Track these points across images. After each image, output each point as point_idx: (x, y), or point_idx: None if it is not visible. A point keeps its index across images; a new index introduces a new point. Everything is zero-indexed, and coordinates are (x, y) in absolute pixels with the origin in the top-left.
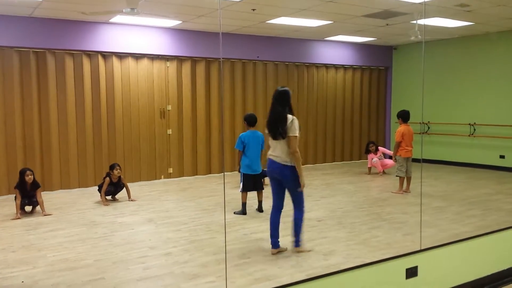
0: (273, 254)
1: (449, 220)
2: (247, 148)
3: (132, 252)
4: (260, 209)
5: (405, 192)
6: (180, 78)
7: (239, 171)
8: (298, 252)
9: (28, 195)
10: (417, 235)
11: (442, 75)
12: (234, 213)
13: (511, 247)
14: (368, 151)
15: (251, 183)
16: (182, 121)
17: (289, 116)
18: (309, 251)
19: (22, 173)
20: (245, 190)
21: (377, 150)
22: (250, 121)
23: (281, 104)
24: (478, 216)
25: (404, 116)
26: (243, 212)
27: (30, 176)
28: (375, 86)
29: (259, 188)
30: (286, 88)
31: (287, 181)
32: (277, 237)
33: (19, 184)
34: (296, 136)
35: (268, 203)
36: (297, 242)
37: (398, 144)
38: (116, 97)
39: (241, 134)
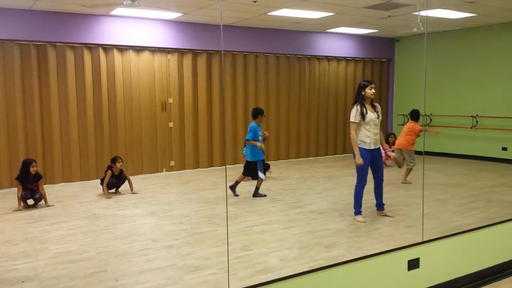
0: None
1: (451, 212)
2: None
3: (134, 244)
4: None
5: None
6: (181, 71)
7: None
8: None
9: (30, 188)
10: (419, 227)
11: (445, 67)
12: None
13: None
14: (387, 142)
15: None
16: (184, 114)
17: (354, 106)
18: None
19: (26, 164)
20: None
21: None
22: (252, 113)
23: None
24: (480, 208)
25: (411, 114)
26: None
27: (35, 168)
28: (377, 78)
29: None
30: (361, 82)
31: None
32: (380, 204)
33: (20, 176)
34: (351, 121)
35: (269, 195)
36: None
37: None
38: (117, 90)
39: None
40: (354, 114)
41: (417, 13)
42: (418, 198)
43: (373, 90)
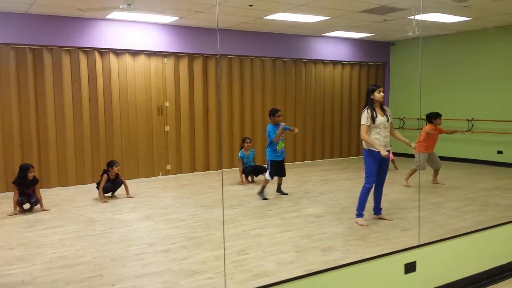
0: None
1: (447, 216)
2: None
3: (131, 249)
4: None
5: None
6: (178, 75)
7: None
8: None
9: (26, 192)
10: (416, 231)
11: (440, 71)
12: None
13: (509, 242)
14: None
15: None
16: (180, 117)
17: (364, 109)
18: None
19: (24, 169)
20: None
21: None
22: (268, 114)
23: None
24: (476, 211)
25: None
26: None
27: (33, 173)
28: (372, 82)
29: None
30: (369, 86)
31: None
32: (377, 207)
33: (17, 180)
34: (362, 124)
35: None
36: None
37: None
38: (113, 94)
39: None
40: (365, 117)
41: (412, 17)
42: (414, 201)
43: (381, 94)
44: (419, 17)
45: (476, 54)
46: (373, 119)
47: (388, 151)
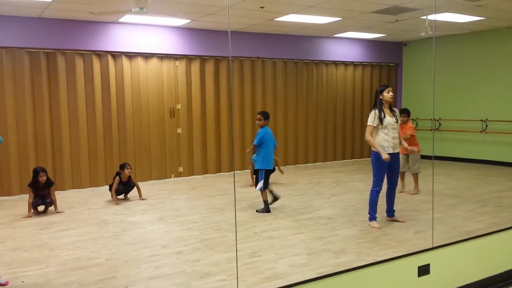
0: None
1: (461, 218)
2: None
3: (144, 251)
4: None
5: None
6: (190, 77)
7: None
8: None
9: (41, 195)
10: (429, 233)
11: (453, 71)
12: (257, 211)
13: None
14: None
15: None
16: (192, 120)
17: (372, 110)
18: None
19: (36, 173)
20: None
21: None
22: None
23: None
24: (490, 213)
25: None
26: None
27: (43, 177)
28: (385, 82)
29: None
30: (378, 87)
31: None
32: (390, 209)
33: (32, 183)
34: (368, 125)
35: (277, 201)
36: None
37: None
38: (126, 96)
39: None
40: (372, 118)
41: (424, 17)
42: (428, 203)
43: (391, 94)
44: (431, 17)
45: (489, 54)
46: (380, 119)
47: (398, 152)
